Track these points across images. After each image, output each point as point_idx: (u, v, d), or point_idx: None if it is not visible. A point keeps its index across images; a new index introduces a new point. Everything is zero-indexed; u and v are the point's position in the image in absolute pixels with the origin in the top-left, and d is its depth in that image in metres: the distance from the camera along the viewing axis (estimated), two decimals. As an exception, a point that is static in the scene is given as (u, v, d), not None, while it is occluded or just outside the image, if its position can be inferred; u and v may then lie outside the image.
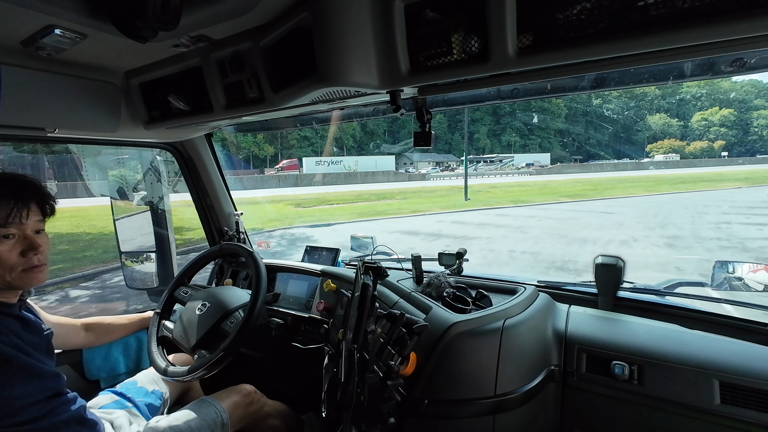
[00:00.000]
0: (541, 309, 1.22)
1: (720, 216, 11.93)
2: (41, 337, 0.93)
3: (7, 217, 0.86)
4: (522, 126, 55.82)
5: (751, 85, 62.53)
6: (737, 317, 1.20)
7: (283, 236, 10.37)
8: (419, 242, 9.22)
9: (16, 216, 0.88)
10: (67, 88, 1.13)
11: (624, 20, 0.62)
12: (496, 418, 1.02)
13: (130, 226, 1.89)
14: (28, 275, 0.91)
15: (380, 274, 1.00)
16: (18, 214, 0.88)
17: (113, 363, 1.48)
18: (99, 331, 1.41)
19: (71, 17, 0.79)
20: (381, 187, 26.61)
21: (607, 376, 1.06)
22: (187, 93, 1.18)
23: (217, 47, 1.01)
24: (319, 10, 0.78)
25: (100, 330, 1.41)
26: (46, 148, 11.87)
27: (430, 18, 0.77)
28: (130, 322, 1.51)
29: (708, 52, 0.64)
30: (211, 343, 1.29)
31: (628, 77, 0.97)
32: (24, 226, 0.90)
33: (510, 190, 22.77)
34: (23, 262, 0.90)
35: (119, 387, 1.30)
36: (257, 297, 1.29)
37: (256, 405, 1.36)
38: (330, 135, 42.33)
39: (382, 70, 0.82)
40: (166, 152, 1.78)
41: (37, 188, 0.94)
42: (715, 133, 59.41)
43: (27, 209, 0.90)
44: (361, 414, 0.92)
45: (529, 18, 0.68)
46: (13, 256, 0.88)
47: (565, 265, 6.94)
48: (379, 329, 0.99)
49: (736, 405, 0.92)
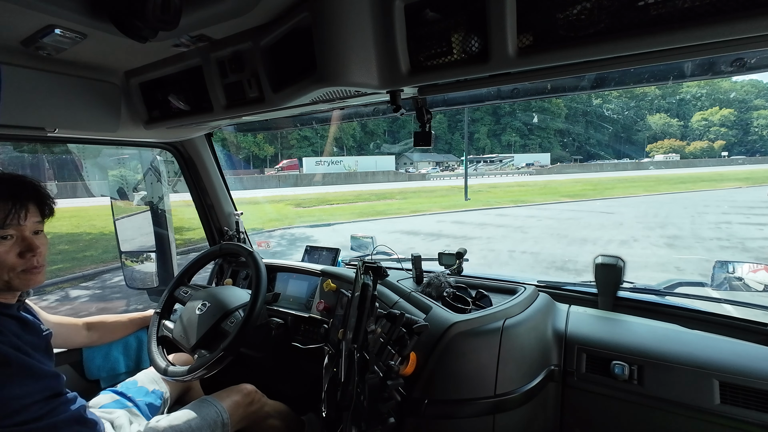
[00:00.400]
0: (541, 309, 1.22)
1: (720, 216, 11.93)
2: (40, 337, 0.93)
3: (5, 218, 0.86)
4: (522, 126, 55.83)
5: (751, 85, 62.56)
6: (737, 317, 1.20)
7: (283, 236, 10.38)
8: (419, 242, 9.22)
9: (14, 217, 0.87)
10: (67, 88, 1.13)
11: (624, 20, 0.62)
12: (495, 418, 1.02)
13: (130, 226, 1.89)
14: (27, 276, 0.90)
15: (380, 274, 1.00)
16: (16, 215, 0.88)
17: (113, 363, 1.48)
18: (101, 330, 1.41)
19: (71, 17, 0.79)
20: (381, 187, 26.62)
21: (607, 376, 1.06)
22: (187, 93, 1.18)
23: (218, 47, 1.01)
24: (319, 9, 0.78)
25: (102, 329, 1.41)
26: (46, 149, 11.87)
27: (430, 18, 0.77)
28: (131, 320, 1.51)
29: (708, 52, 0.64)
30: (211, 342, 1.29)
31: (628, 77, 0.97)
32: (22, 228, 0.89)
33: (510, 190, 22.77)
34: (21, 263, 0.89)
35: (119, 387, 1.30)
36: (257, 297, 1.29)
37: (257, 405, 1.36)
38: (330, 135, 42.34)
39: (382, 70, 0.82)
40: (166, 152, 1.78)
41: (36, 189, 0.93)
42: (715, 133, 59.43)
43: (25, 210, 0.89)
44: (361, 414, 0.93)
45: (529, 18, 0.68)
46: (11, 257, 0.88)
47: (564, 265, 6.95)
48: (379, 329, 0.99)
49: (735, 405, 0.92)
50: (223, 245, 1.57)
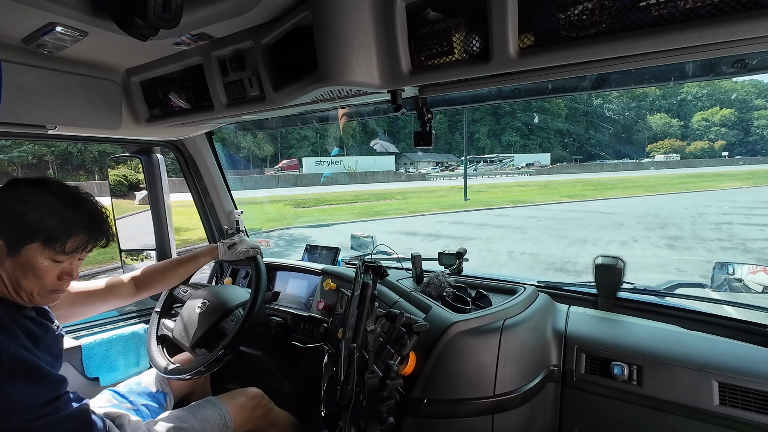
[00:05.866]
0: (541, 309, 1.22)
1: (721, 216, 11.94)
2: (52, 338, 0.93)
3: (73, 249, 0.87)
4: (522, 126, 55.77)
5: (752, 85, 62.49)
6: (737, 318, 1.20)
7: (281, 236, 10.38)
8: (418, 243, 9.22)
9: (81, 251, 0.89)
10: (68, 86, 1.13)
11: (625, 20, 0.62)
12: (495, 417, 1.02)
13: (131, 226, 1.89)
14: (50, 296, 0.91)
15: (380, 274, 1.00)
16: (84, 251, 0.90)
17: (113, 361, 1.48)
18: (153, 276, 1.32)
19: (72, 15, 0.79)
20: (380, 187, 26.61)
21: (606, 377, 1.06)
22: (188, 91, 1.18)
23: (218, 45, 1.01)
24: (321, 8, 0.78)
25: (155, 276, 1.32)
26: (46, 148, 11.86)
27: (431, 17, 0.77)
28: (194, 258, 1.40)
29: (709, 53, 0.64)
30: (211, 341, 1.29)
31: (629, 78, 0.97)
32: (77, 258, 0.91)
33: (510, 190, 22.77)
34: (56, 284, 0.90)
35: (120, 387, 1.29)
36: (257, 295, 1.29)
37: (262, 410, 1.32)
38: (330, 135, 42.32)
39: (383, 69, 0.82)
40: (167, 150, 1.78)
41: (109, 229, 0.94)
42: (716, 133, 59.35)
43: (93, 247, 0.91)
44: (360, 413, 0.93)
45: (531, 18, 0.68)
46: (50, 277, 0.88)
47: (564, 266, 6.94)
48: (379, 328, 0.99)
49: (734, 406, 0.92)
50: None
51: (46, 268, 0.86)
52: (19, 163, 21.03)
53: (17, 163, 21.05)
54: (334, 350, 1.14)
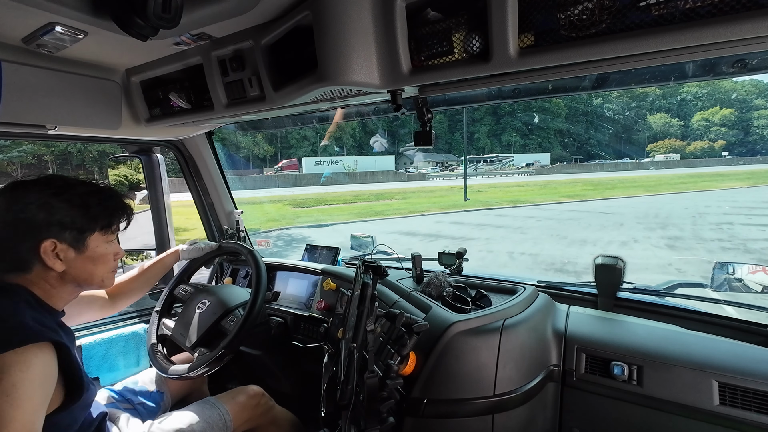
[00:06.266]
0: (541, 309, 1.22)
1: (721, 216, 11.93)
2: (73, 342, 0.93)
3: (116, 222, 0.95)
4: (522, 126, 55.73)
5: (752, 85, 62.43)
6: (737, 318, 1.20)
7: (279, 236, 10.38)
8: (417, 243, 9.21)
9: (118, 225, 0.97)
10: (68, 86, 1.13)
11: (625, 20, 0.62)
12: (495, 417, 1.02)
13: (131, 225, 1.89)
14: (112, 277, 0.98)
15: (380, 273, 1.00)
16: (119, 222, 0.97)
17: (113, 361, 1.48)
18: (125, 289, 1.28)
19: (72, 15, 0.79)
20: (380, 187, 26.61)
21: (606, 377, 1.06)
22: (188, 91, 1.18)
23: (218, 45, 1.01)
24: (321, 8, 0.78)
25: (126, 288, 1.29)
26: (45, 147, 11.86)
27: (431, 17, 0.77)
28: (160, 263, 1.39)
29: (709, 53, 0.64)
30: (211, 341, 1.29)
31: (629, 77, 0.97)
32: (117, 234, 0.99)
33: (510, 190, 22.76)
34: (114, 265, 0.98)
35: (120, 386, 1.29)
36: (257, 295, 1.29)
37: (263, 408, 1.32)
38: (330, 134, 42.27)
39: (383, 69, 0.82)
40: (167, 150, 1.78)
41: (130, 206, 1.02)
42: (716, 133, 59.31)
43: (126, 219, 0.99)
44: (360, 413, 0.93)
45: (531, 18, 0.68)
46: (111, 258, 0.95)
47: (564, 267, 6.94)
48: (379, 328, 0.99)
49: (734, 406, 0.92)
50: (223, 244, 1.57)
51: (107, 252, 0.94)
52: (19, 162, 21.05)
53: (17, 162, 21.07)
54: (334, 350, 1.14)
